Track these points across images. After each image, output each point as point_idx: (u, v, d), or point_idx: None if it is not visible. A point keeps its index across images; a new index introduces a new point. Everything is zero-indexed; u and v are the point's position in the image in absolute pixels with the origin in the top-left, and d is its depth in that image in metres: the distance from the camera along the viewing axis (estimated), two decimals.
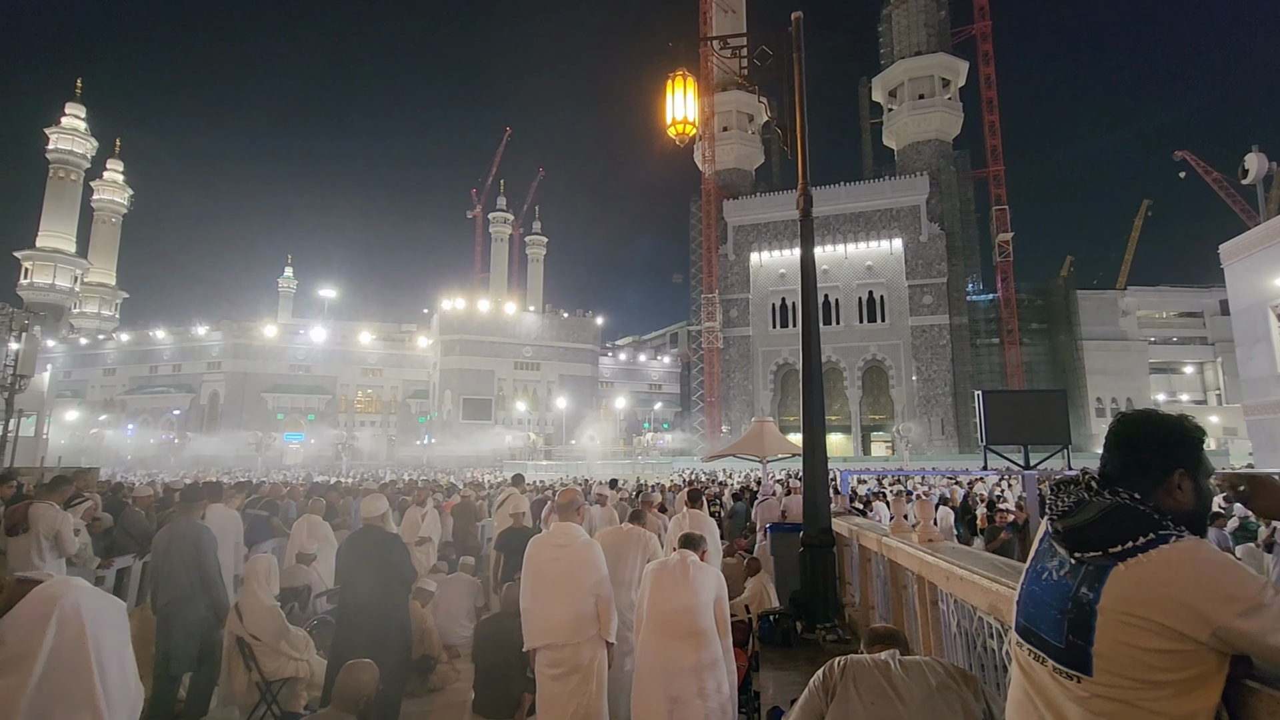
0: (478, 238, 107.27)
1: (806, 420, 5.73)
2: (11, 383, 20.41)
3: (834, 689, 2.12)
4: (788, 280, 62.49)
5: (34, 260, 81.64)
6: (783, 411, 62.28)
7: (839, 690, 2.11)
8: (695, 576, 3.53)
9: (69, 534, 5.64)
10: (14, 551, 5.44)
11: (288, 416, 68.08)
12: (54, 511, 5.57)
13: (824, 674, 2.19)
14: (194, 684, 4.98)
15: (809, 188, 6.27)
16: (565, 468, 42.58)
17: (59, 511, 5.65)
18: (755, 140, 69.55)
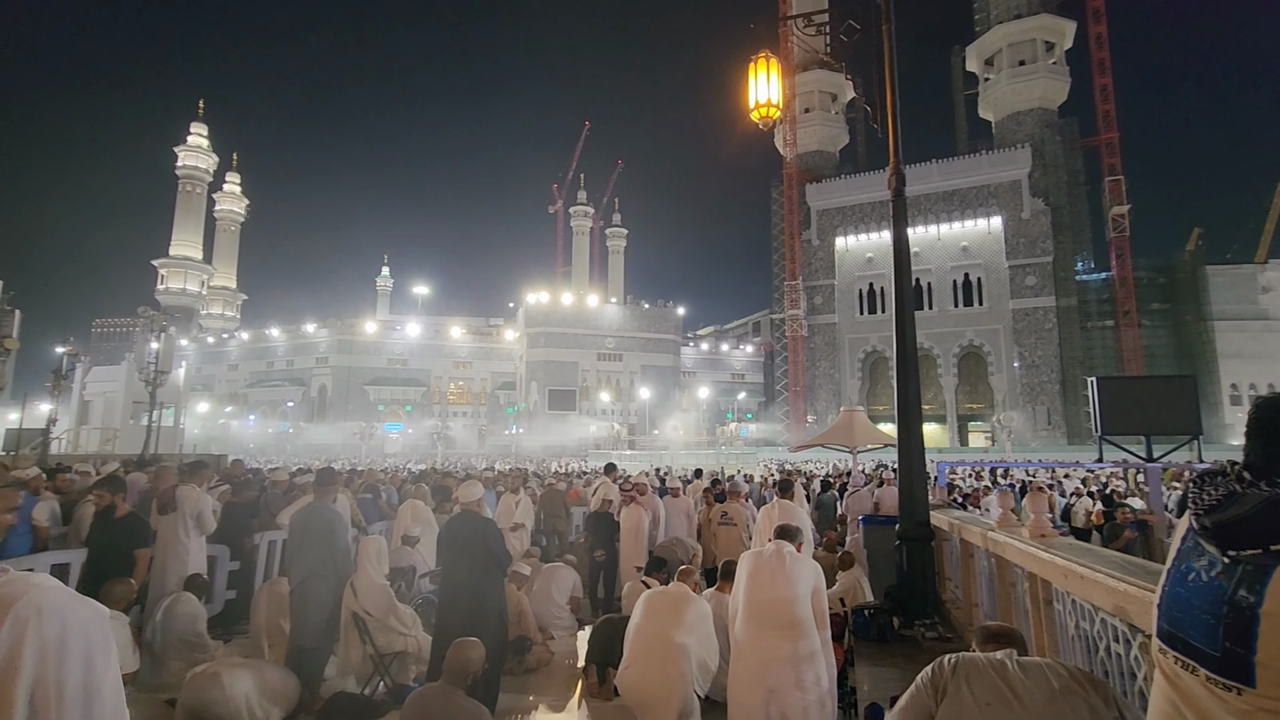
0: (559, 232, 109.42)
1: (901, 409, 5.51)
2: (154, 378, 22.67)
3: (944, 687, 2.03)
4: (875, 264, 60.17)
5: (168, 267, 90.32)
6: (872, 401, 60.22)
7: (950, 689, 2.02)
8: (793, 567, 3.48)
9: (209, 514, 6.23)
10: (163, 529, 6.06)
11: (387, 408, 72.08)
12: (197, 493, 6.17)
13: (933, 671, 2.10)
14: (309, 657, 5.37)
15: (901, 165, 5.99)
16: (648, 458, 42.92)
17: (201, 494, 6.25)
18: (839, 121, 67.15)
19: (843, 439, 13.24)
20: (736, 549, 6.72)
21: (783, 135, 62.12)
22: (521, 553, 8.18)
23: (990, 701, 1.96)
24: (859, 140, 69.72)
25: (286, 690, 4.78)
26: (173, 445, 28.31)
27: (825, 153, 66.28)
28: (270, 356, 77.48)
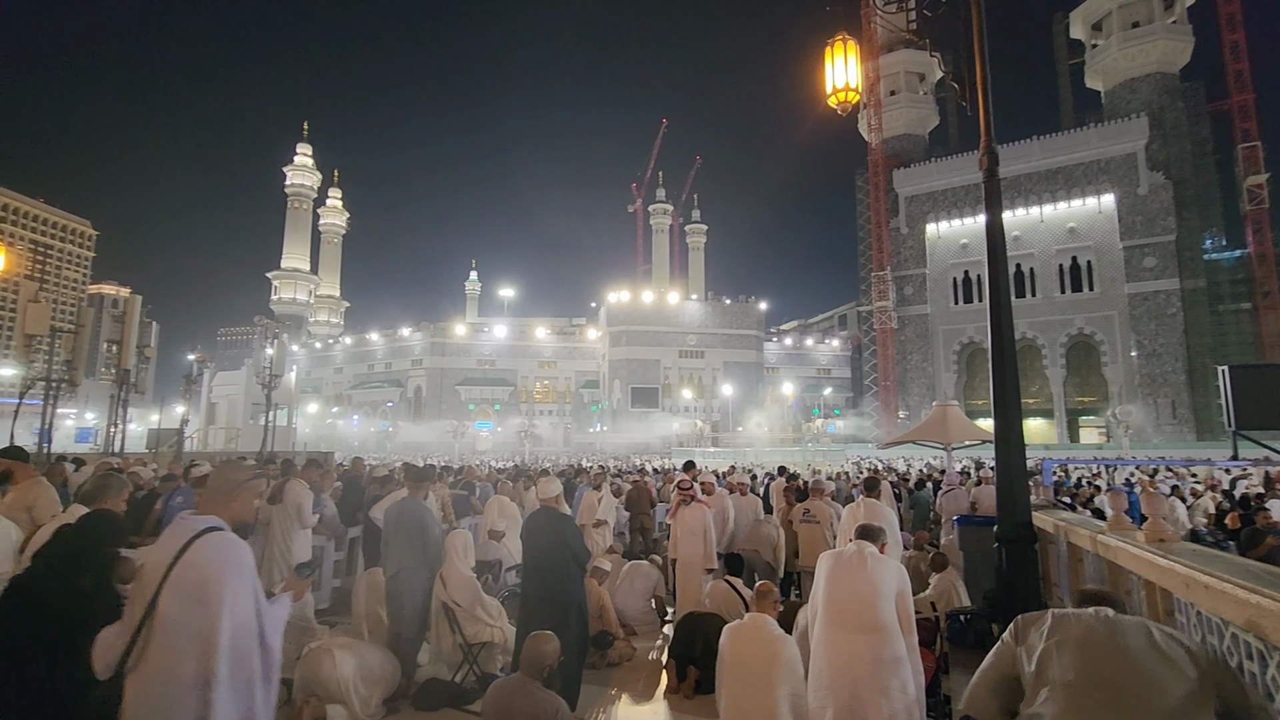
0: (639, 230, 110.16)
1: (998, 404, 5.16)
2: (269, 381, 24.55)
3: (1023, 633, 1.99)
4: (970, 251, 56.95)
5: (280, 279, 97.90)
6: (969, 395, 57.10)
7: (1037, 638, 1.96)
8: (874, 569, 3.32)
9: (308, 509, 6.70)
10: (274, 519, 6.56)
11: (477, 407, 74.95)
12: (301, 488, 6.64)
13: (1014, 625, 2.04)
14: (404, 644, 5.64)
15: (993, 144, 5.61)
16: (732, 455, 42.50)
17: (306, 489, 6.72)
18: (928, 101, 64.00)
19: (936, 435, 12.60)
20: (819, 547, 6.52)
21: (867, 120, 59.88)
22: (603, 549, 8.27)
23: (1081, 647, 1.88)
24: (950, 121, 66.10)
25: (386, 674, 5.03)
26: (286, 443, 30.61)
27: (913, 136, 63.34)
28: (370, 359, 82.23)
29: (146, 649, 2.25)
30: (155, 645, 2.25)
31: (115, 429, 20.26)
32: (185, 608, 2.27)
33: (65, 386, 20.25)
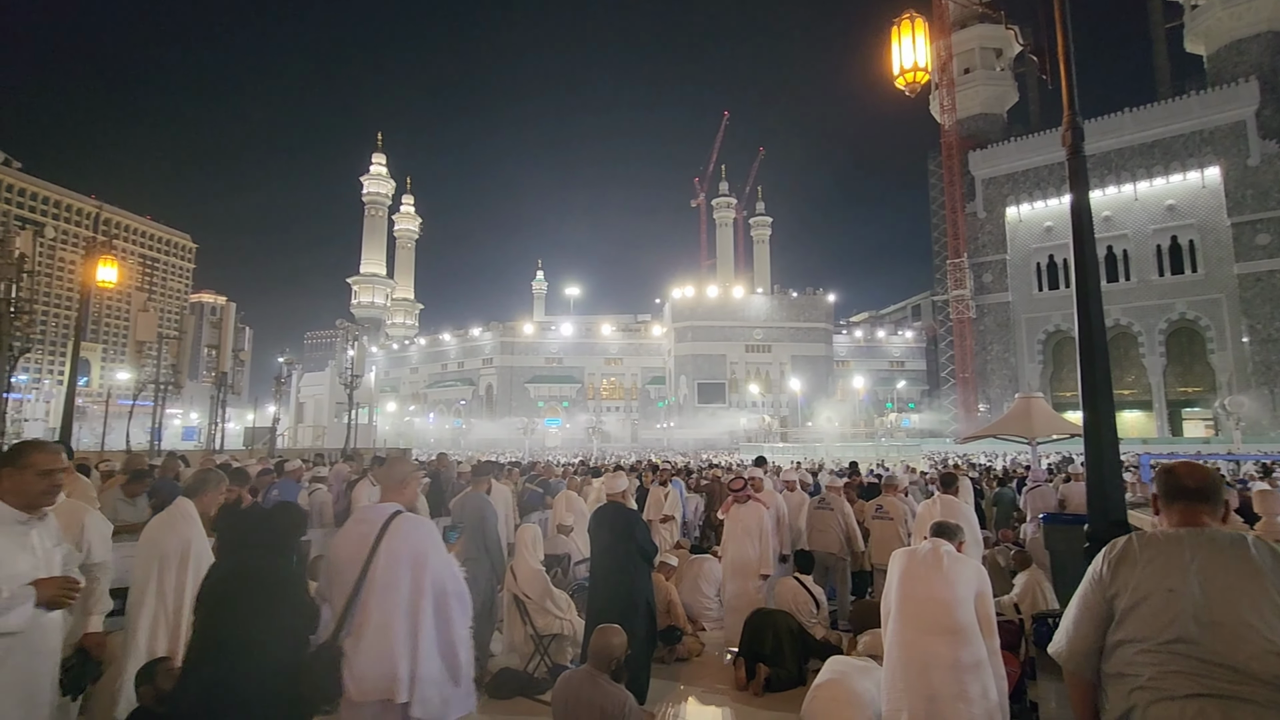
0: (702, 225, 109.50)
1: (1088, 395, 4.84)
2: (351, 382, 25.82)
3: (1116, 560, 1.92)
4: (1055, 234, 53.77)
5: (359, 283, 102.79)
6: (1056, 386, 54.04)
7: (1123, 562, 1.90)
8: (950, 568, 3.17)
9: None
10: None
11: (546, 404, 76.45)
12: (370, 488, 6.94)
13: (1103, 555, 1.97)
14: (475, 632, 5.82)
15: (1077, 118, 5.25)
16: (801, 450, 41.71)
17: (374, 486, 7.02)
18: (1006, 78, 60.71)
19: (1020, 429, 11.98)
20: (892, 545, 6.30)
21: (939, 101, 57.39)
22: (670, 544, 8.28)
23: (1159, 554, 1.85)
24: (1030, 97, 62.53)
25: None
26: (368, 440, 32.13)
27: (990, 115, 60.24)
28: (444, 359, 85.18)
29: (363, 612, 2.71)
30: (370, 608, 2.71)
31: (216, 427, 21.77)
32: (395, 574, 2.75)
33: (172, 388, 21.92)
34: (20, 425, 50.41)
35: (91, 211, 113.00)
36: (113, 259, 16.13)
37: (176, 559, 3.87)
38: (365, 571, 2.74)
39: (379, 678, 2.65)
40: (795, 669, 5.31)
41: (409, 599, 2.74)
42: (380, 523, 2.83)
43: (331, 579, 2.85)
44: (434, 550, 2.90)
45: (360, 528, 2.87)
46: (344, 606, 2.71)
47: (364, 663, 2.65)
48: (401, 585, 2.74)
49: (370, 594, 2.72)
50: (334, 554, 2.89)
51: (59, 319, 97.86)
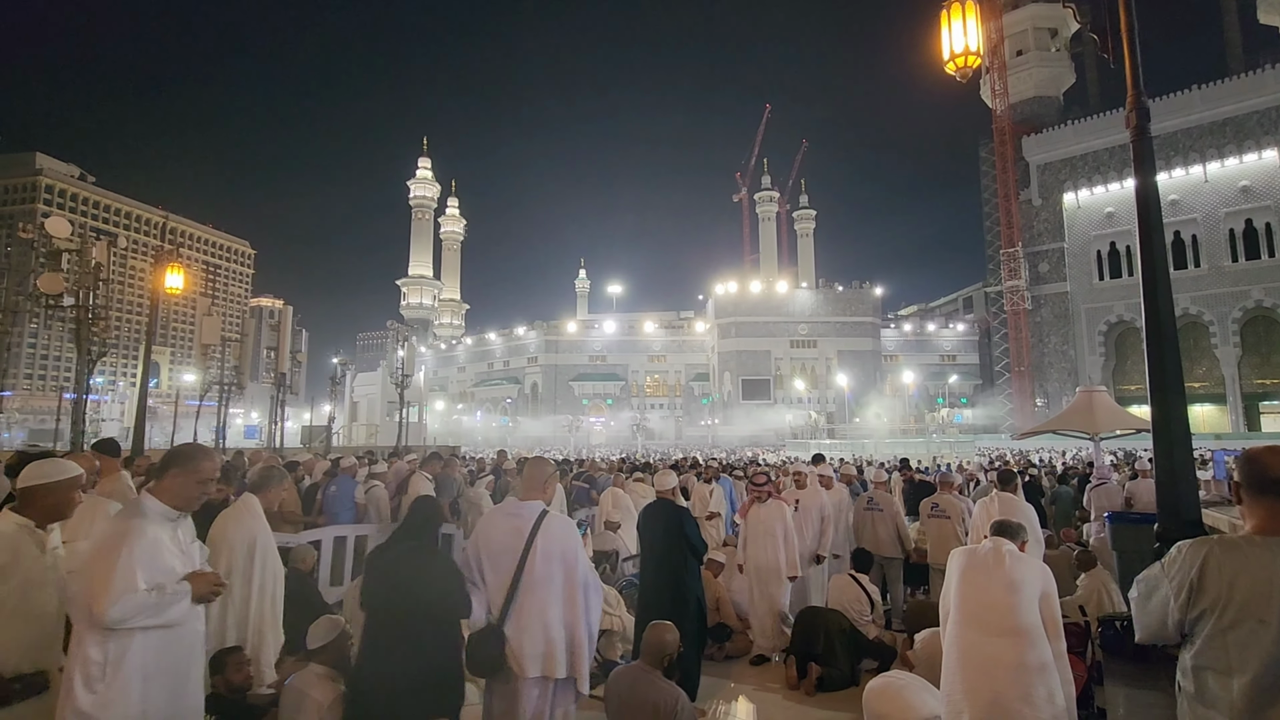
0: (745, 220, 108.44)
1: (1156, 388, 4.62)
2: (401, 381, 26.50)
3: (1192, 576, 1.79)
4: (1117, 220, 51.41)
5: (408, 285, 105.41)
6: (1119, 379, 51.74)
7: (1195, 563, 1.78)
8: (1013, 568, 3.06)
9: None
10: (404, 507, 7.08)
11: (590, 401, 76.99)
12: (424, 480, 7.12)
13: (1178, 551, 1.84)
14: None
15: (1143, 97, 5.00)
16: (850, 447, 40.98)
17: (428, 481, 7.20)
18: (1061, 59, 58.29)
19: (1081, 424, 11.48)
20: (949, 544, 6.13)
21: (990, 85, 55.48)
22: (718, 542, 8.25)
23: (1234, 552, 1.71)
24: (1088, 78, 59.90)
25: None
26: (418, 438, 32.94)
27: (1045, 98, 57.92)
28: (490, 358, 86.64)
29: (523, 600, 3.15)
30: (529, 597, 3.15)
31: (275, 426, 22.63)
32: (550, 569, 3.19)
33: (234, 389, 22.87)
34: (98, 425, 53.45)
35: (159, 221, 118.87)
36: (179, 266, 16.92)
37: (244, 551, 4.04)
38: (522, 564, 3.17)
39: (539, 657, 3.11)
40: (848, 669, 5.23)
41: (563, 590, 3.20)
42: (532, 519, 3.24)
43: (485, 564, 3.26)
44: (579, 547, 3.36)
45: (512, 520, 3.29)
46: (505, 595, 3.16)
47: (526, 644, 3.10)
48: (556, 578, 3.19)
49: (529, 585, 3.16)
50: (486, 541, 3.30)
51: (131, 324, 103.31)
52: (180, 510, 2.74)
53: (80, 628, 2.50)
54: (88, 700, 2.44)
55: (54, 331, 68.56)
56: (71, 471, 2.84)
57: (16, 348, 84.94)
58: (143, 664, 2.52)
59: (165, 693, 2.58)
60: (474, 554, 3.34)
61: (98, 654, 2.47)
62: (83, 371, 13.89)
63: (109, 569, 2.46)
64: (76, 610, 2.52)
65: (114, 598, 2.43)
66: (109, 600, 2.42)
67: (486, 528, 3.38)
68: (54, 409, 37.78)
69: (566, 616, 3.17)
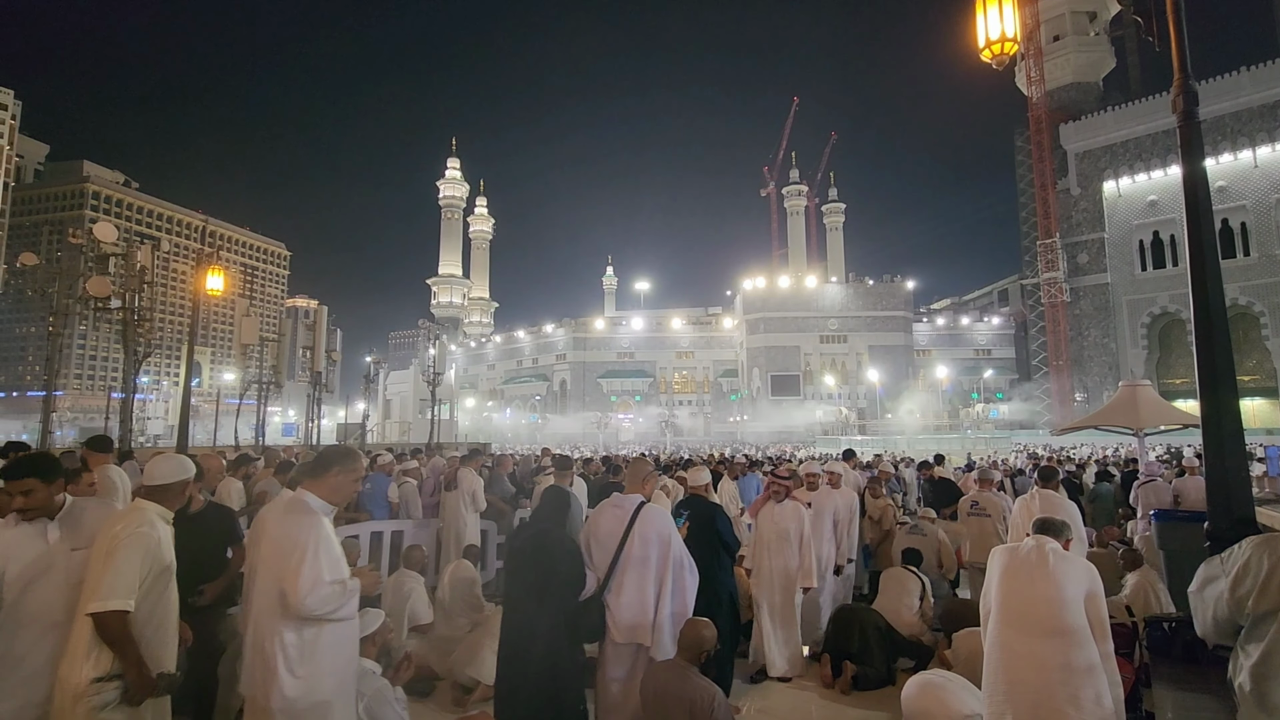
0: (773, 214, 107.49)
1: (1206, 381, 4.47)
2: (433, 379, 26.89)
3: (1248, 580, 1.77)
4: (1161, 208, 49.78)
5: (438, 284, 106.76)
6: (1163, 372, 50.15)
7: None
8: (1058, 567, 2.99)
9: (481, 493, 7.27)
10: (448, 502, 7.19)
11: (619, 398, 77.16)
12: (473, 475, 7.26)
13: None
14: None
15: (1190, 80, 4.82)
16: (880, 443, 40.43)
17: (476, 476, 7.32)
18: (1101, 43, 56.53)
19: (1124, 419, 11.11)
20: (989, 542, 6.01)
21: (1025, 72, 54.07)
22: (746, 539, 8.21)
23: None
24: (1129, 62, 58.00)
25: None
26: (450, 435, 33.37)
27: (1083, 84, 56.25)
28: (519, 356, 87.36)
29: (622, 576, 3.69)
30: (628, 574, 3.69)
31: (312, 424, 23.14)
32: (647, 551, 3.71)
33: (273, 387, 23.44)
34: (144, 423, 55.30)
35: (199, 225, 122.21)
36: (219, 269, 17.40)
37: None
38: (622, 546, 3.69)
39: (634, 626, 3.62)
40: (884, 668, 5.17)
41: (657, 570, 3.69)
42: (632, 509, 3.78)
43: (593, 547, 3.83)
44: (674, 534, 3.84)
45: (616, 511, 3.85)
46: (607, 571, 3.69)
47: (623, 614, 3.63)
48: (651, 559, 3.69)
49: (627, 564, 3.69)
50: (595, 527, 3.89)
51: (174, 325, 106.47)
52: (335, 507, 3.00)
53: (274, 619, 2.76)
54: (291, 684, 2.72)
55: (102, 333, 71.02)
56: (191, 470, 3.06)
57: (67, 349, 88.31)
58: (331, 651, 2.83)
59: (344, 678, 2.92)
60: (585, 539, 3.91)
61: (295, 640, 2.76)
62: (130, 371, 14.38)
63: (301, 562, 2.71)
64: (269, 601, 2.78)
65: (309, 589, 2.69)
66: (305, 591, 2.68)
67: (596, 516, 3.95)
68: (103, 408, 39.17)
69: (658, 592, 3.67)
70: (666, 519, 3.85)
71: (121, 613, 2.59)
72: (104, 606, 2.57)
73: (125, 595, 2.61)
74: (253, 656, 2.80)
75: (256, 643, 2.78)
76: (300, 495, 2.95)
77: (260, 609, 2.80)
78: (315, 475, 2.99)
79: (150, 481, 2.96)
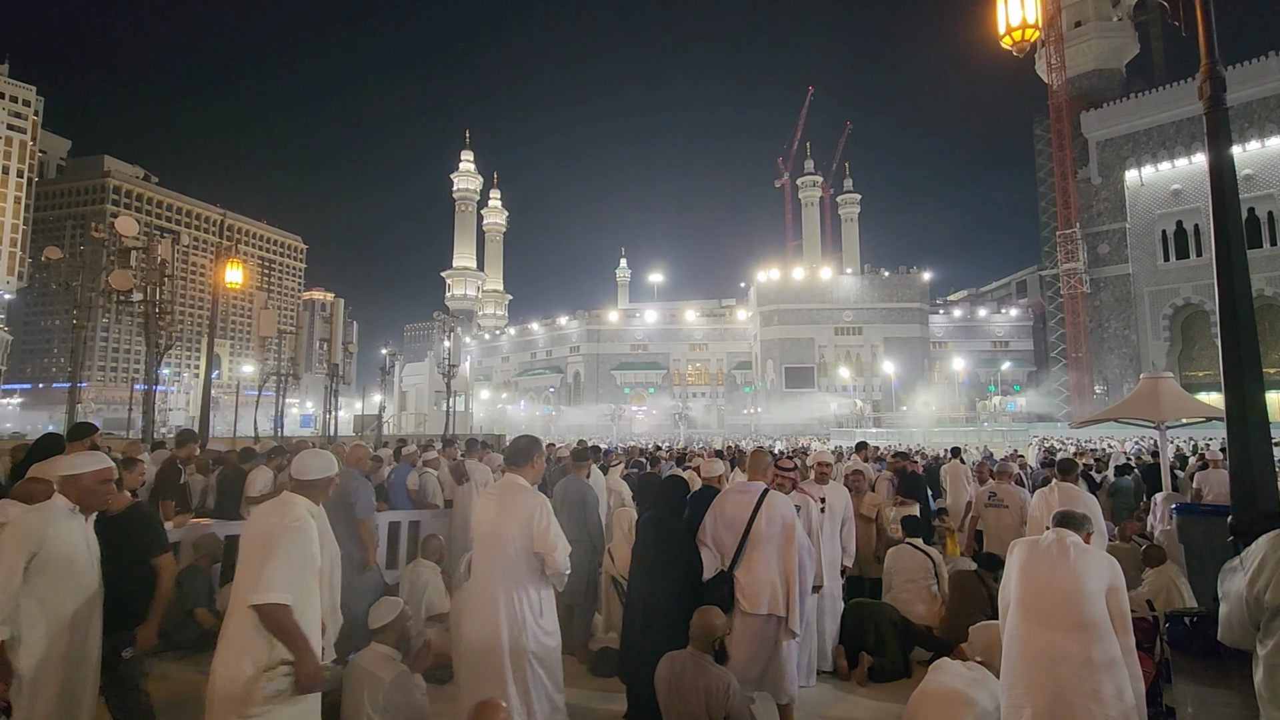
0: (787, 205, 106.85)
1: (1231, 374, 4.40)
2: (448, 371, 27.07)
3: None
4: (1185, 198, 48.84)
5: (453, 277, 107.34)
6: (1185, 365, 49.35)
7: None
8: (1079, 560, 2.96)
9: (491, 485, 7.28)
10: (459, 496, 7.23)
11: (632, 390, 77.23)
12: (484, 468, 7.28)
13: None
14: (578, 614, 5.98)
15: (1217, 65, 4.72)
16: (895, 435, 40.16)
17: (485, 467, 7.35)
18: (1124, 28, 55.40)
19: (1146, 412, 10.93)
20: (1009, 535, 5.97)
21: (1045, 59, 53.12)
22: None
23: None
24: (1152, 48, 56.82)
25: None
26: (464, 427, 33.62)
27: (1106, 71, 55.18)
28: (533, 348, 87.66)
29: (750, 554, 4.07)
30: (755, 552, 4.08)
31: (329, 415, 23.39)
32: (772, 531, 4.09)
33: (290, 379, 23.71)
34: (165, 414, 56.19)
35: (217, 219, 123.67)
36: (238, 262, 17.60)
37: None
38: (749, 527, 4.10)
39: (762, 599, 3.99)
40: (900, 660, 5.17)
41: (781, 549, 4.08)
42: (757, 495, 4.19)
43: (719, 527, 4.22)
44: (795, 518, 4.26)
45: (742, 496, 4.25)
46: (735, 549, 4.09)
47: (752, 587, 4.01)
48: (776, 538, 4.09)
49: (755, 543, 4.09)
50: (721, 510, 4.27)
51: (193, 318, 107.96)
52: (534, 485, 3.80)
53: (523, 579, 3.46)
54: (538, 633, 3.44)
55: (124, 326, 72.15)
56: (335, 468, 3.16)
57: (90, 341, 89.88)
58: (552, 606, 3.64)
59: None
60: (710, 521, 4.26)
61: (537, 597, 3.51)
62: (152, 363, 14.60)
63: (547, 530, 3.46)
64: (516, 564, 3.45)
65: (562, 551, 3.50)
66: (560, 555, 3.48)
67: (721, 501, 4.33)
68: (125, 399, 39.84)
69: (784, 568, 4.03)
70: (789, 505, 4.26)
71: (284, 605, 2.64)
72: (265, 599, 2.62)
73: (285, 588, 2.66)
74: (489, 612, 3.43)
75: (500, 598, 3.43)
76: (513, 478, 3.68)
77: (505, 570, 3.48)
78: (520, 463, 3.72)
79: (301, 476, 3.01)
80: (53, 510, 2.83)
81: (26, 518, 2.79)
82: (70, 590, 2.83)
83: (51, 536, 2.76)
